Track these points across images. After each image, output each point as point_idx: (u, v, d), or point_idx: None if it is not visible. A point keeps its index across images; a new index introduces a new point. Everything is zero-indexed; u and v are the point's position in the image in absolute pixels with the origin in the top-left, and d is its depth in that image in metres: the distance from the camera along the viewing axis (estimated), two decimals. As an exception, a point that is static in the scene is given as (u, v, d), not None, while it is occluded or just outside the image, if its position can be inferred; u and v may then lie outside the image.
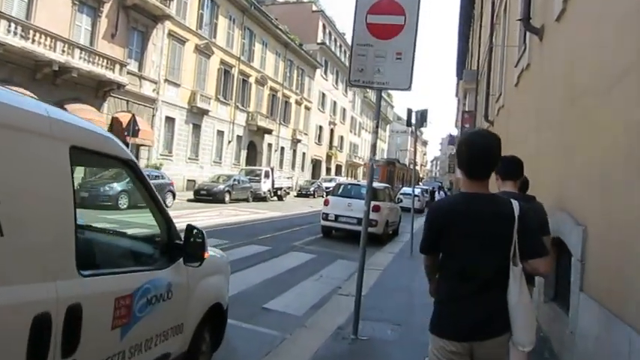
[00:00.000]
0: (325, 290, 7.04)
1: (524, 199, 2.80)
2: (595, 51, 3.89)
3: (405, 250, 10.75)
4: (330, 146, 53.02)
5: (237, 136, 32.95)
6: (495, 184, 3.33)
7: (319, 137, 49.45)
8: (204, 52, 28.03)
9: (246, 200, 25.30)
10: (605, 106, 3.53)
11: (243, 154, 34.13)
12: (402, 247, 11.52)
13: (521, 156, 3.63)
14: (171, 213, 3.12)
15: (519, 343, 2.13)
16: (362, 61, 4.59)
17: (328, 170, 52.07)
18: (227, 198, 23.21)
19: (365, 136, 68.92)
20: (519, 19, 6.81)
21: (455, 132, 43.34)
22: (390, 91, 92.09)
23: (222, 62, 30.15)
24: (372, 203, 12.32)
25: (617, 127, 3.22)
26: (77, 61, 18.42)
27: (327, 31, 50.28)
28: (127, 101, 22.44)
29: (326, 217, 12.64)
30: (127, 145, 19.39)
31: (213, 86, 29.42)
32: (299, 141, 43.40)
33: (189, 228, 2.83)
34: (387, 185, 14.91)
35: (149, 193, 2.72)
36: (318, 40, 46.84)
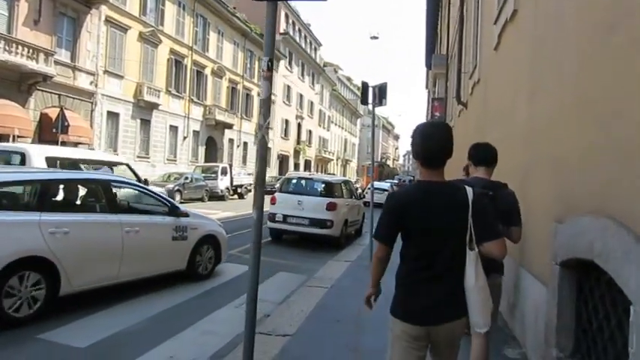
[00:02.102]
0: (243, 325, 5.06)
1: (493, 186, 3.05)
2: None
3: (364, 257, 8.88)
4: (298, 141, 51.00)
5: (194, 131, 30.63)
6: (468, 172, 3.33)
7: (286, 132, 47.36)
8: (150, 40, 25.64)
9: (201, 200, 23.13)
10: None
11: (202, 150, 31.82)
12: (362, 252, 9.64)
13: (508, 133, 3.92)
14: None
15: (475, 324, 2.17)
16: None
17: (296, 166, 50.04)
18: (177, 198, 20.97)
19: (335, 130, 67.17)
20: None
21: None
22: (359, 85, 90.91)
23: (173, 52, 27.79)
24: (327, 200, 10.50)
25: None
26: (-11, 49, 15.96)
27: (291, 20, 48.13)
28: (59, 95, 19.96)
29: (273, 217, 10.67)
30: (57, 142, 17.36)
31: (163, 78, 27.04)
32: (263, 136, 41.18)
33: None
34: (346, 179, 13.02)
35: None
36: (281, 30, 44.63)
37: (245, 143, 38.37)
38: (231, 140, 35.79)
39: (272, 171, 42.58)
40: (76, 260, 4.97)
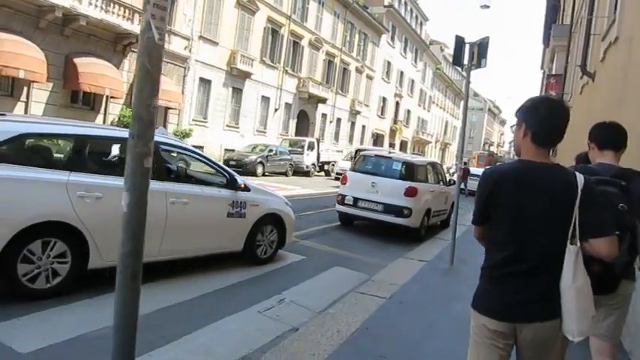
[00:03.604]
0: (258, 341, 3.82)
1: (626, 174, 2.44)
2: None
3: (443, 258, 7.24)
4: (395, 120, 48.85)
5: (286, 103, 29.96)
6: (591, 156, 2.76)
7: (382, 110, 45.45)
8: (247, 7, 25.06)
9: (284, 174, 22.47)
10: None
11: (293, 123, 31.15)
12: (442, 250, 7.97)
13: None
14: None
15: (568, 331, 1.89)
16: None
17: (392, 146, 47.96)
18: (260, 170, 20.46)
19: (436, 111, 63.80)
20: None
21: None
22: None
23: (270, 20, 27.07)
24: (407, 184, 8.90)
25: None
26: (86, 7, 16.07)
27: (397, -8, 45.61)
28: (153, 58, 19.98)
29: (342, 199, 9.32)
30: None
31: (258, 47, 26.47)
32: (358, 112, 39.77)
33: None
34: (433, 160, 11.24)
35: None
36: (385, 3, 42.41)
37: (339, 119, 37.15)
38: (324, 115, 34.78)
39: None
40: (109, 230, 4.15)
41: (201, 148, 23.27)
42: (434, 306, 5.06)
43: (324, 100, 33.25)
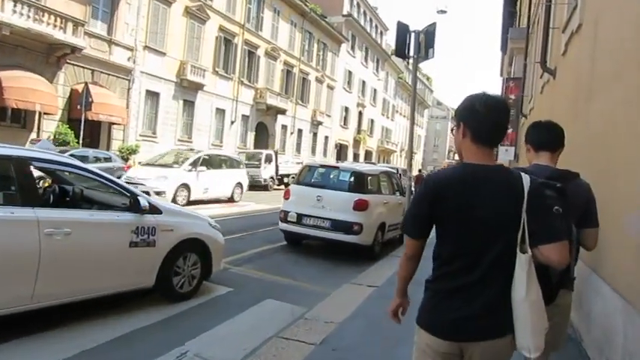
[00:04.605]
0: None
1: (562, 176, 2.39)
2: None
3: (395, 280, 6.24)
4: (359, 130, 48.25)
5: (243, 115, 28.81)
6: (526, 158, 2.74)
7: (345, 120, 44.78)
8: (197, 16, 23.92)
9: (241, 189, 21.20)
10: None
11: (251, 136, 29.98)
12: (396, 272, 6.97)
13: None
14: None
15: (522, 347, 1.76)
16: None
17: (356, 156, 47.37)
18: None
19: (400, 120, 63.69)
20: None
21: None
22: (429, 75, 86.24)
23: (222, 29, 25.97)
24: (356, 197, 7.88)
25: None
26: (9, 16, 14.64)
27: (355, 2, 45.23)
28: (92, 70, 18.61)
29: (285, 216, 8.23)
30: (79, 121, 15.94)
31: (210, 57, 25.31)
32: (320, 123, 38.92)
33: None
34: (387, 169, 10.31)
35: None
36: (344, 12, 41.95)
37: (300, 130, 36.19)
38: (284, 126, 33.75)
39: (329, 161, 40.32)
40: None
41: (150, 164, 21.97)
42: (377, 351, 4.03)
43: (283, 111, 32.25)
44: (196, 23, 24.08)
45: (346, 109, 44.68)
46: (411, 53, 5.53)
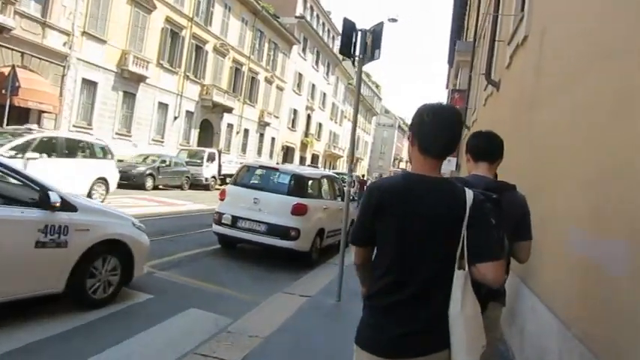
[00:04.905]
0: None
1: (499, 187, 2.36)
2: None
3: (332, 288, 5.92)
4: (306, 133, 48.05)
5: (187, 111, 27.84)
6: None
7: (293, 122, 44.43)
8: (142, 4, 22.86)
9: (180, 187, 20.43)
10: None
11: (195, 133, 29.02)
12: (335, 278, 6.65)
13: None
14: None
15: None
16: None
17: (303, 159, 47.14)
18: (149, 183, 18.31)
19: (348, 126, 64.02)
20: None
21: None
22: (378, 83, 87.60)
23: (169, 21, 24.99)
24: (294, 201, 7.53)
25: None
26: None
27: (309, 4, 45.10)
28: (22, 54, 17.28)
29: (219, 219, 7.78)
30: (4, 107, 14.56)
31: (155, 49, 24.28)
32: (268, 124, 38.38)
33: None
34: (329, 173, 10.03)
35: None
36: (297, 13, 41.69)
37: (246, 130, 35.50)
38: (230, 125, 32.96)
39: (274, 163, 39.80)
40: None
41: (83, 157, 20.69)
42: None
43: (230, 110, 31.49)
44: (141, 12, 23.02)
45: (295, 112, 44.37)
46: (357, 53, 5.23)
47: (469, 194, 1.70)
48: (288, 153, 44.11)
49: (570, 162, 3.24)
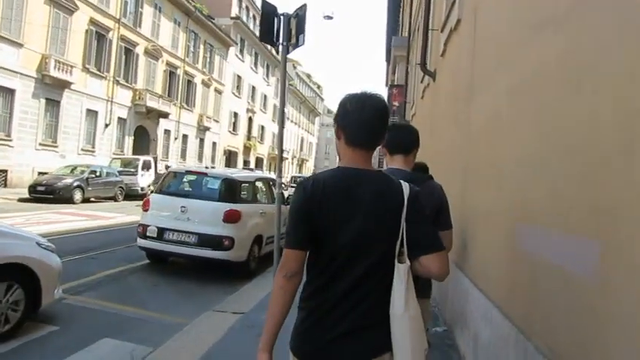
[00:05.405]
0: None
1: (416, 179, 2.28)
2: None
3: (265, 305, 5.41)
4: (249, 136, 47.13)
5: (119, 118, 26.37)
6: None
7: (234, 126, 43.40)
8: (62, 5, 21.34)
9: (114, 199, 19.23)
10: None
11: (129, 141, 27.57)
12: (267, 295, 6.15)
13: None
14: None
15: None
16: None
17: (246, 163, 46.13)
18: (78, 196, 17.04)
19: (291, 127, 63.59)
20: None
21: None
22: (319, 83, 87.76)
23: (93, 22, 23.53)
24: (226, 207, 6.80)
25: None
26: None
27: (244, 5, 44.26)
28: None
29: (143, 231, 7.06)
30: None
31: (79, 52, 22.78)
32: (208, 128, 37.22)
33: None
34: (264, 175, 9.51)
35: None
36: (232, 14, 40.73)
37: (185, 136, 34.22)
38: (167, 131, 31.63)
39: (217, 168, 38.68)
40: None
41: (2, 172, 19.08)
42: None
43: (165, 115, 30.19)
44: (62, 13, 21.49)
45: (235, 115, 43.36)
46: (280, 40, 4.73)
47: (405, 187, 1.63)
48: (230, 157, 43.05)
49: (515, 147, 2.89)
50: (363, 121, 1.63)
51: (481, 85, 4.03)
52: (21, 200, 16.18)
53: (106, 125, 25.28)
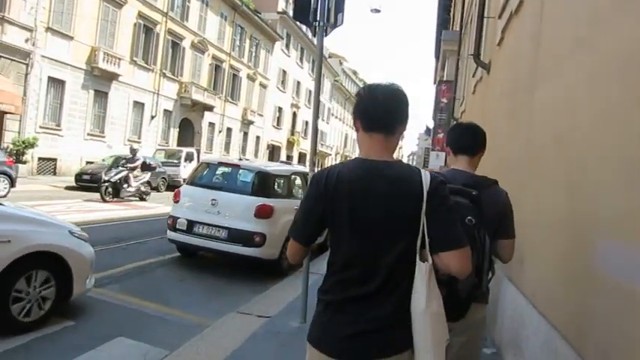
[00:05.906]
0: None
1: (479, 183, 2.24)
2: None
3: (294, 310, 4.97)
4: (292, 131, 47.05)
5: (165, 110, 26.73)
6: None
7: (278, 120, 43.41)
8: (111, -2, 21.74)
9: (156, 189, 19.38)
10: None
11: (174, 133, 27.93)
12: (298, 297, 5.73)
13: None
14: None
15: None
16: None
17: (289, 158, 46.08)
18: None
19: (335, 123, 63.21)
20: None
21: (432, 124, 37.65)
22: (366, 80, 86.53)
23: (142, 16, 23.86)
24: (259, 202, 6.45)
25: None
26: None
27: (291, 0, 44.08)
28: (-21, 50, 16.17)
29: (173, 223, 6.82)
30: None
31: (128, 45, 23.15)
32: (252, 122, 37.34)
33: None
34: (300, 169, 9.12)
35: None
36: (279, 9, 40.60)
37: (229, 129, 34.42)
38: (212, 124, 31.88)
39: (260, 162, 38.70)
40: None
41: (52, 160, 19.60)
42: None
43: (210, 108, 30.40)
44: (111, 7, 21.87)
45: (280, 109, 43.35)
46: (317, 19, 4.29)
47: (425, 177, 1.54)
48: (274, 152, 43.10)
49: (597, 145, 2.34)
50: (376, 103, 1.60)
51: (548, 72, 3.44)
52: (68, 188, 16.51)
53: (152, 117, 25.65)
